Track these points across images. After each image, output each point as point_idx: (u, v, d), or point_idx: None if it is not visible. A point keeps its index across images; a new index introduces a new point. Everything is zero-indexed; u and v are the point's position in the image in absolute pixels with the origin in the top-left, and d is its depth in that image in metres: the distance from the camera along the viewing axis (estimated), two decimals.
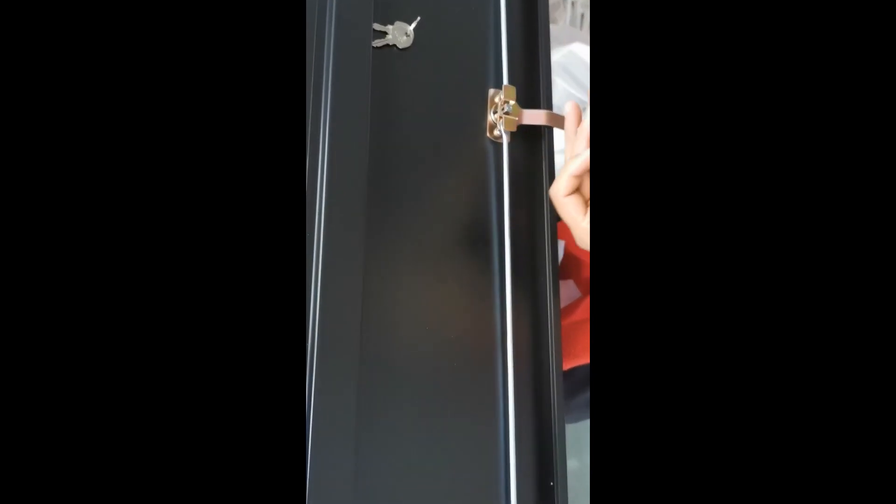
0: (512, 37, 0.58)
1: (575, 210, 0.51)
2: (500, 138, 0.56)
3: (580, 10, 1.58)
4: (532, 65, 0.59)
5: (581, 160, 0.49)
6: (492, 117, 0.56)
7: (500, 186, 0.56)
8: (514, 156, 0.57)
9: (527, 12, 0.60)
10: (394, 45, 0.53)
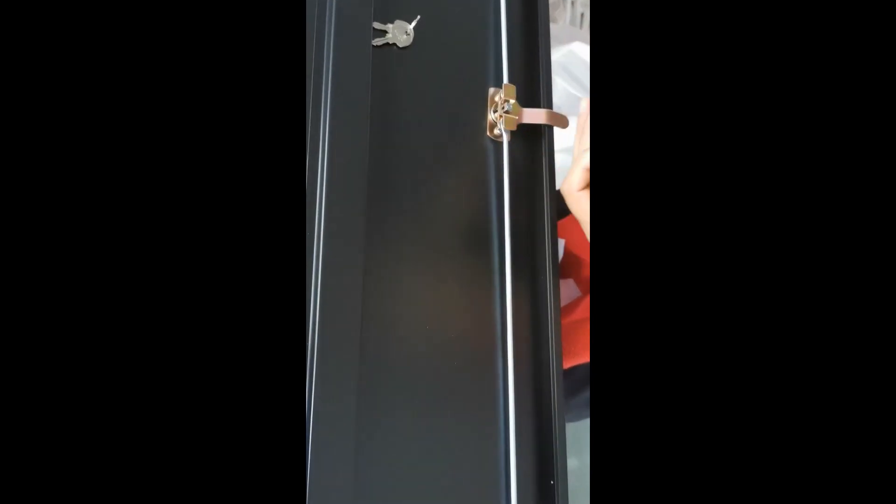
0: (512, 35, 0.58)
1: (588, 204, 0.51)
2: (500, 137, 0.56)
3: (580, 10, 1.58)
4: (532, 63, 0.59)
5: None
6: (492, 116, 0.56)
7: (501, 185, 0.55)
8: (515, 155, 0.57)
9: (527, 11, 0.60)
10: (394, 44, 0.53)
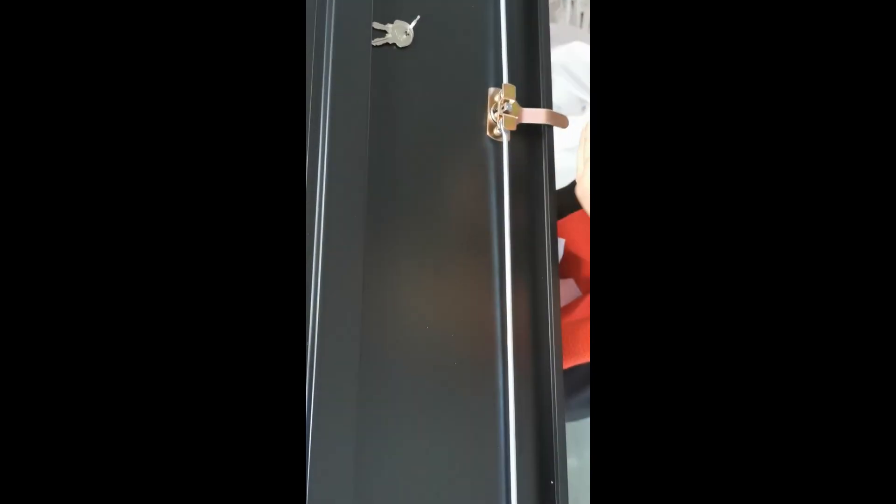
0: (512, 35, 0.58)
1: None
2: (500, 137, 0.56)
3: (580, 9, 1.58)
4: (532, 63, 0.59)
5: None
6: (492, 116, 0.56)
7: (501, 185, 0.55)
8: (515, 154, 0.57)
9: (527, 11, 0.60)
10: (393, 44, 0.53)
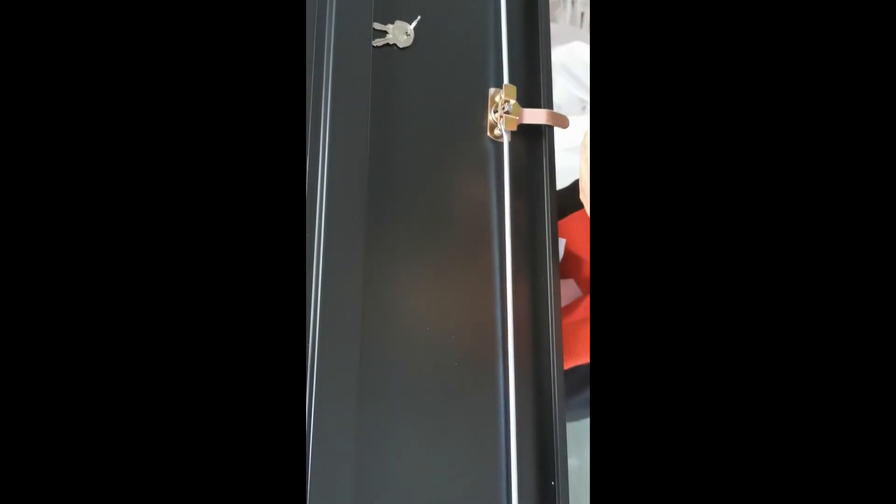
0: (512, 36, 0.58)
1: None
2: (500, 137, 0.56)
3: (580, 9, 1.58)
4: (533, 64, 0.59)
5: None
6: (492, 116, 0.56)
7: (501, 186, 0.55)
8: (515, 155, 0.57)
9: (527, 11, 0.60)
10: (394, 45, 0.53)
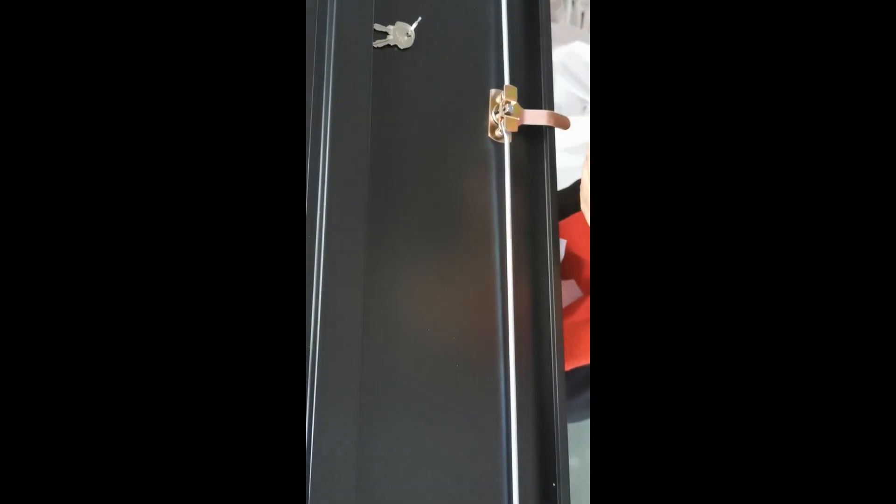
0: (513, 36, 0.58)
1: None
2: (501, 139, 0.56)
3: (581, 9, 1.58)
4: (533, 64, 0.59)
5: None
6: (493, 117, 0.56)
7: (502, 187, 0.55)
8: (516, 156, 0.57)
9: (528, 12, 0.60)
10: (395, 46, 0.52)
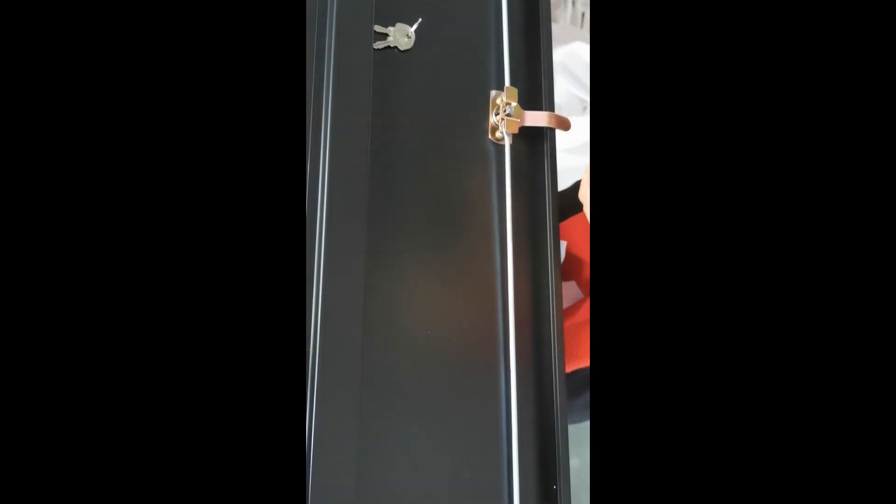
0: (513, 38, 0.58)
1: None
2: (501, 140, 0.56)
3: (581, 9, 1.58)
4: (534, 66, 0.59)
5: None
6: (493, 119, 0.56)
7: (503, 188, 0.55)
8: (516, 157, 0.57)
9: (528, 13, 0.60)
10: (395, 47, 0.52)
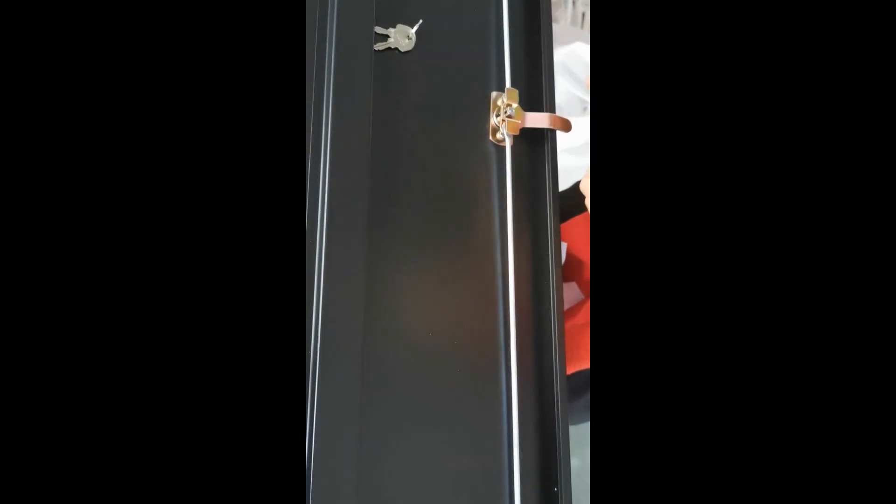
0: (514, 39, 0.58)
1: None
2: (502, 142, 0.56)
3: (581, 9, 1.58)
4: (535, 67, 0.59)
5: None
6: (494, 120, 0.56)
7: (503, 189, 0.55)
8: (517, 159, 0.57)
9: (529, 14, 0.60)
10: (396, 49, 0.52)
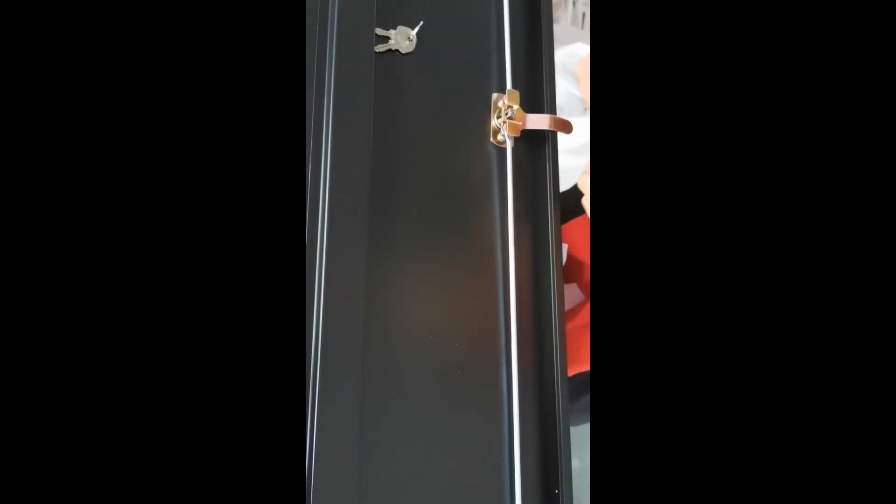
0: (515, 41, 0.58)
1: None
2: (503, 143, 0.56)
3: (581, 10, 1.58)
4: (536, 68, 0.59)
5: None
6: (495, 122, 0.56)
7: (504, 191, 0.55)
8: (518, 160, 0.57)
9: (530, 16, 0.60)
10: (396, 50, 0.52)
